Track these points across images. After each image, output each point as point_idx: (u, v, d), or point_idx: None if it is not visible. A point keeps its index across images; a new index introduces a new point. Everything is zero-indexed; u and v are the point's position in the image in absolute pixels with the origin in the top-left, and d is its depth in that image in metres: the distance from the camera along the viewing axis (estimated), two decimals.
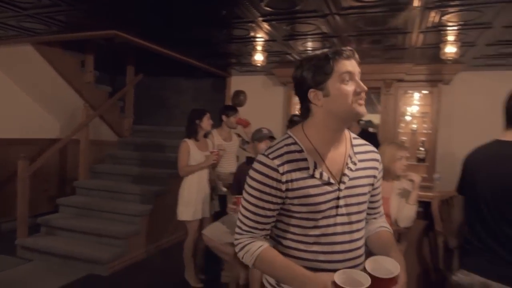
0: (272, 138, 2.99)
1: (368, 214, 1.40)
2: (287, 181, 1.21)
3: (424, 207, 3.46)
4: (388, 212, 2.76)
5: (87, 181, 5.23)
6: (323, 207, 1.21)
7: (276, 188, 1.21)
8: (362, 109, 1.19)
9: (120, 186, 4.98)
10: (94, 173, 5.44)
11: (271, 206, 1.24)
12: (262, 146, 2.96)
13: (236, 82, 6.44)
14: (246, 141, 4.32)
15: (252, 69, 5.52)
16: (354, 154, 1.30)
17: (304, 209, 1.22)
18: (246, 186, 1.27)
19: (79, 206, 4.73)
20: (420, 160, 5.13)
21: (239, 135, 4.46)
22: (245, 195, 1.28)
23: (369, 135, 5.03)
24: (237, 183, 3.12)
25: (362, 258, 1.30)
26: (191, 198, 3.64)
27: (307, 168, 1.21)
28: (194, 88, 7.11)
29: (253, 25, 3.47)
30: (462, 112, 5.16)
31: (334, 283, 1.07)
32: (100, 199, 4.91)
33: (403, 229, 2.75)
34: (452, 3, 2.73)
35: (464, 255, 1.79)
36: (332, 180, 1.23)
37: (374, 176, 1.35)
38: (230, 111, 4.28)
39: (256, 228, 1.27)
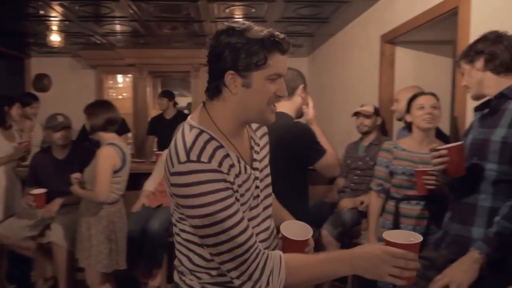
0: (68, 128, 2.85)
1: None
2: (232, 182, 0.99)
3: None
4: None
5: None
6: (250, 201, 1.07)
7: (230, 188, 0.97)
8: (272, 117, 1.06)
9: None
10: None
11: (239, 205, 1.00)
12: (58, 136, 2.79)
13: (38, 65, 5.81)
14: None
15: (55, 50, 5.08)
16: (253, 132, 1.17)
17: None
18: (195, 210, 0.94)
19: None
20: None
21: None
22: (205, 220, 0.94)
23: (185, 116, 5.34)
24: (33, 174, 2.92)
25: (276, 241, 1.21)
26: (1, 194, 3.20)
27: (234, 165, 1.02)
28: None
29: (41, 3, 3.24)
30: None
31: (387, 241, 0.97)
32: None
33: None
34: None
35: None
36: (251, 171, 1.08)
37: (269, 152, 1.24)
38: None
39: (250, 237, 0.98)
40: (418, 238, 0.98)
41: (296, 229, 1.13)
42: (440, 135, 2.26)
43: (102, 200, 2.33)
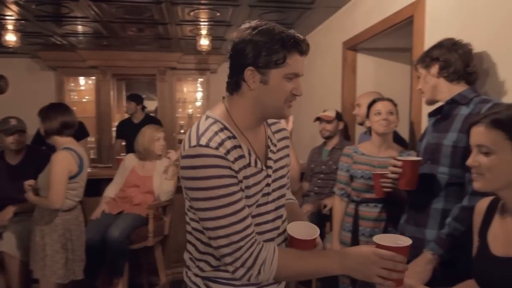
0: (21, 131, 2.72)
1: None
2: (238, 171, 1.02)
3: None
4: (152, 189, 3.02)
5: None
6: (258, 196, 1.09)
7: (235, 176, 1.01)
8: (289, 112, 1.11)
9: None
10: None
11: (243, 195, 1.03)
12: (10, 140, 2.66)
13: None
14: None
15: (11, 50, 4.84)
16: (272, 134, 1.20)
17: (245, 203, 1.07)
18: (199, 193, 0.99)
19: None
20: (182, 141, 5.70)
21: None
22: (205, 203, 0.99)
23: (153, 120, 5.24)
24: None
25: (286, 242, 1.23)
26: None
27: (243, 156, 1.05)
28: None
29: None
30: None
31: (378, 244, 1.00)
32: None
33: (165, 202, 3.06)
34: (195, 1, 3.15)
35: None
36: (263, 167, 1.11)
37: (288, 155, 1.26)
38: None
39: (248, 227, 1.02)
40: (406, 241, 1.00)
41: (303, 229, 1.12)
42: (398, 139, 2.33)
43: (56, 207, 2.24)
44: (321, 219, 2.84)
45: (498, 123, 1.04)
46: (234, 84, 1.07)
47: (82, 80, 5.90)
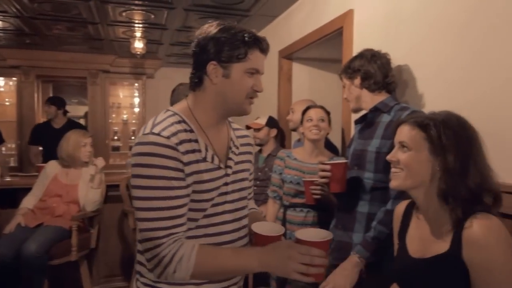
0: None
1: None
2: (187, 163, 1.02)
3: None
4: (77, 198, 2.80)
5: None
6: (214, 194, 1.09)
7: (181, 171, 1.01)
8: (250, 109, 1.14)
9: None
10: None
11: (184, 192, 1.02)
12: None
13: None
14: None
15: None
16: (236, 138, 1.22)
17: (196, 196, 1.07)
18: (140, 180, 0.98)
19: None
20: (115, 148, 5.46)
21: None
22: (142, 192, 0.98)
23: (76, 126, 4.92)
24: None
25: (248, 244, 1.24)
26: None
27: (199, 151, 1.07)
28: None
29: None
30: (166, 104, 5.79)
31: (297, 239, 0.99)
32: None
33: (92, 213, 2.86)
34: (126, 1, 3.01)
35: None
36: (221, 165, 1.12)
37: (251, 161, 1.30)
38: None
39: (177, 226, 1.01)
40: (327, 236, 1.01)
41: (268, 228, 1.12)
42: (329, 146, 2.39)
43: None
44: None
45: (420, 124, 1.09)
46: (197, 80, 1.10)
47: (1, 81, 5.38)
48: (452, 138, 1.05)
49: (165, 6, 3.10)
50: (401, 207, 1.28)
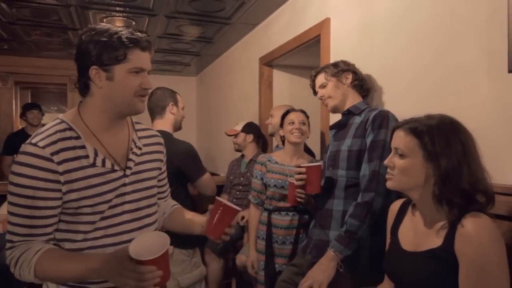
0: None
1: (158, 198, 1.35)
2: (64, 172, 1.05)
3: None
4: None
5: None
6: (109, 196, 1.11)
7: (53, 181, 1.04)
8: (142, 106, 1.15)
9: None
10: None
11: (50, 203, 1.05)
12: None
13: None
14: None
15: None
16: (138, 139, 1.23)
17: (88, 202, 1.09)
18: (11, 187, 1.04)
19: None
20: None
21: None
22: (11, 198, 1.04)
23: None
24: None
25: None
26: None
27: (87, 157, 1.09)
28: None
29: None
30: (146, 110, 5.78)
31: (130, 257, 0.94)
32: None
33: None
34: (107, 7, 3.02)
35: None
36: (116, 167, 1.14)
37: (161, 160, 1.31)
38: None
39: (33, 235, 1.06)
40: (162, 246, 0.95)
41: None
42: (306, 151, 2.45)
43: None
44: (239, 230, 2.85)
45: (414, 131, 1.12)
46: (83, 86, 1.13)
47: None
48: (445, 145, 1.08)
49: (146, 13, 3.13)
50: (396, 204, 1.34)
